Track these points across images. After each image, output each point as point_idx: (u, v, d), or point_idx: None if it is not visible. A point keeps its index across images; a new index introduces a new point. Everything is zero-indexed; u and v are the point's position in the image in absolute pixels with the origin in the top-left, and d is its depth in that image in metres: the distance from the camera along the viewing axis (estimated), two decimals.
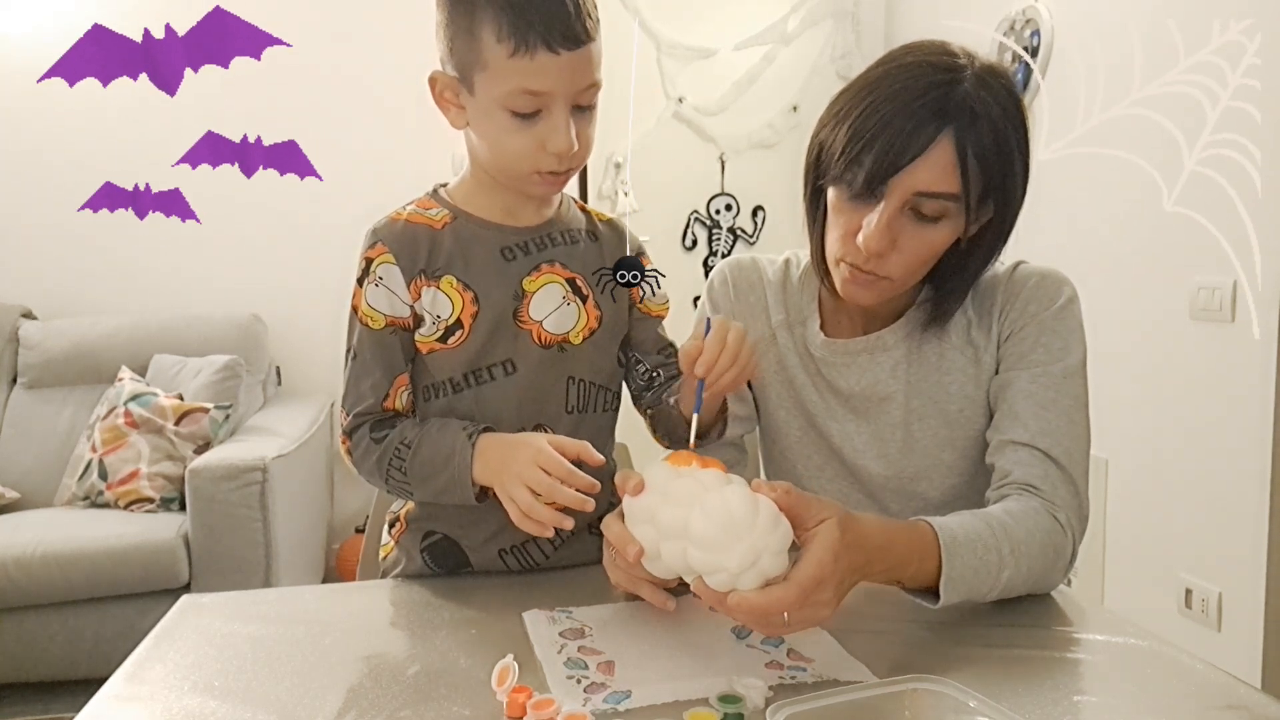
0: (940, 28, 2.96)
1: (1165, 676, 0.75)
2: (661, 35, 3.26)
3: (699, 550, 0.71)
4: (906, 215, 0.91)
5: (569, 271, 1.00)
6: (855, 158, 0.90)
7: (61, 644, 2.19)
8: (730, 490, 0.72)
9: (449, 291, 0.96)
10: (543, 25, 0.86)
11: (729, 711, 0.66)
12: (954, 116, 0.87)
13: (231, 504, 2.25)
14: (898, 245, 0.92)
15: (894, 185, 0.89)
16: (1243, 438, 2.01)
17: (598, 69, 0.91)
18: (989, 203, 0.93)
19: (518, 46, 0.86)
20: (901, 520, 0.83)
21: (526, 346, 0.98)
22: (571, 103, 0.90)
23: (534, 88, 0.88)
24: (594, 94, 0.92)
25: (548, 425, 0.99)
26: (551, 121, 0.90)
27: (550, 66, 0.87)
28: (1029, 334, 0.98)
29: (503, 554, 1.02)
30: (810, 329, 1.08)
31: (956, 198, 0.89)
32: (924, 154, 0.87)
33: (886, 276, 0.94)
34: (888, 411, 1.04)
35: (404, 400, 0.99)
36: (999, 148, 0.90)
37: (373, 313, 0.96)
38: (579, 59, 0.88)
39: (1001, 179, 0.91)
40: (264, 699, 0.72)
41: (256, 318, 2.93)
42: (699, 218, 3.37)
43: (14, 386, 2.79)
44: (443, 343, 0.97)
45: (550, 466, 0.85)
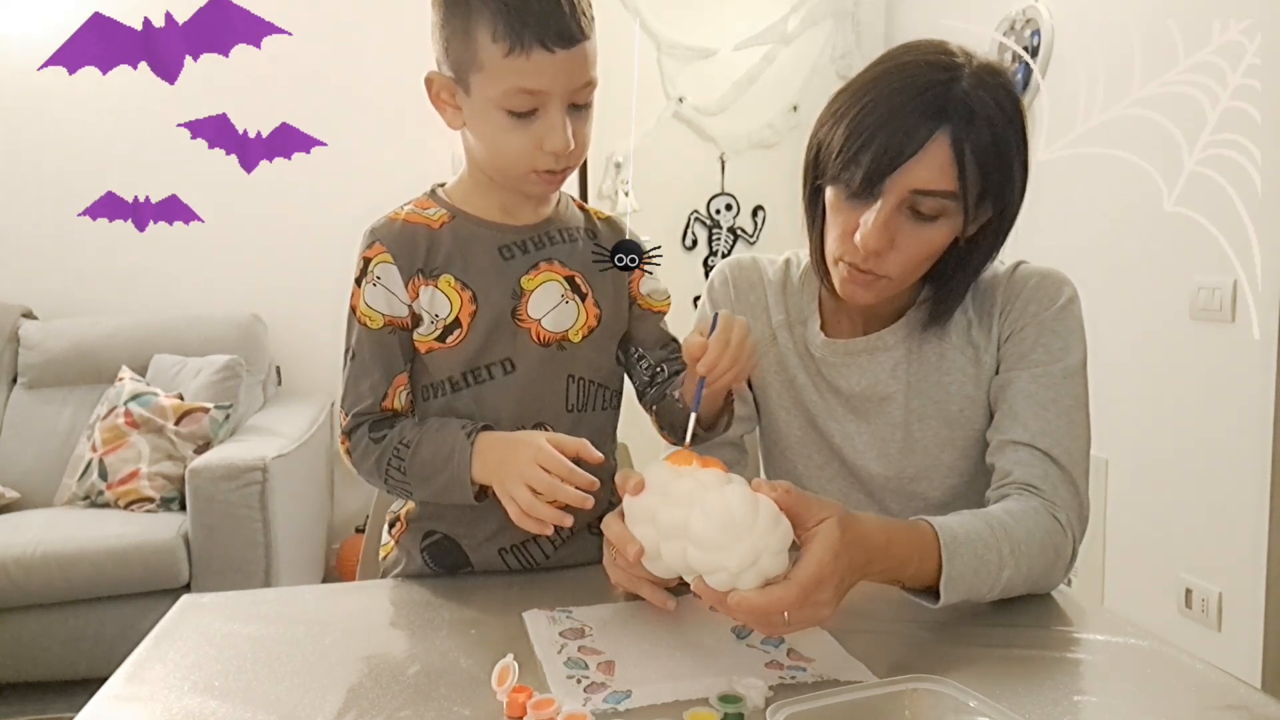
0: (940, 28, 2.96)
1: (1165, 676, 0.75)
2: (661, 35, 3.26)
3: (699, 550, 0.71)
4: (904, 214, 0.91)
5: (568, 269, 1.00)
6: (853, 157, 0.90)
7: (61, 644, 2.19)
8: (730, 490, 0.72)
9: (447, 291, 0.96)
10: (538, 24, 0.86)
11: (729, 711, 0.66)
12: (951, 115, 0.88)
13: (231, 504, 2.24)
14: (896, 244, 0.92)
15: (891, 183, 0.89)
16: (1243, 438, 2.01)
17: (593, 67, 0.91)
18: (987, 202, 0.93)
19: (513, 46, 0.86)
20: (902, 520, 0.83)
21: (525, 345, 0.98)
22: (568, 101, 0.90)
23: (530, 86, 0.88)
24: (590, 92, 0.92)
25: (548, 424, 0.99)
26: (548, 120, 0.90)
27: (546, 65, 0.87)
28: (1029, 334, 0.98)
29: (503, 553, 1.02)
30: (811, 329, 1.08)
31: (954, 196, 0.90)
32: (921, 152, 0.88)
33: (885, 275, 0.94)
34: (888, 412, 1.04)
35: (403, 400, 0.99)
36: (997, 147, 0.90)
37: (371, 313, 0.96)
38: (574, 57, 0.88)
39: (999, 178, 0.91)
40: (264, 699, 0.72)
41: (256, 318, 2.93)
42: (699, 217, 3.37)
43: (14, 386, 2.79)
44: (441, 342, 0.97)
45: (550, 465, 0.85)
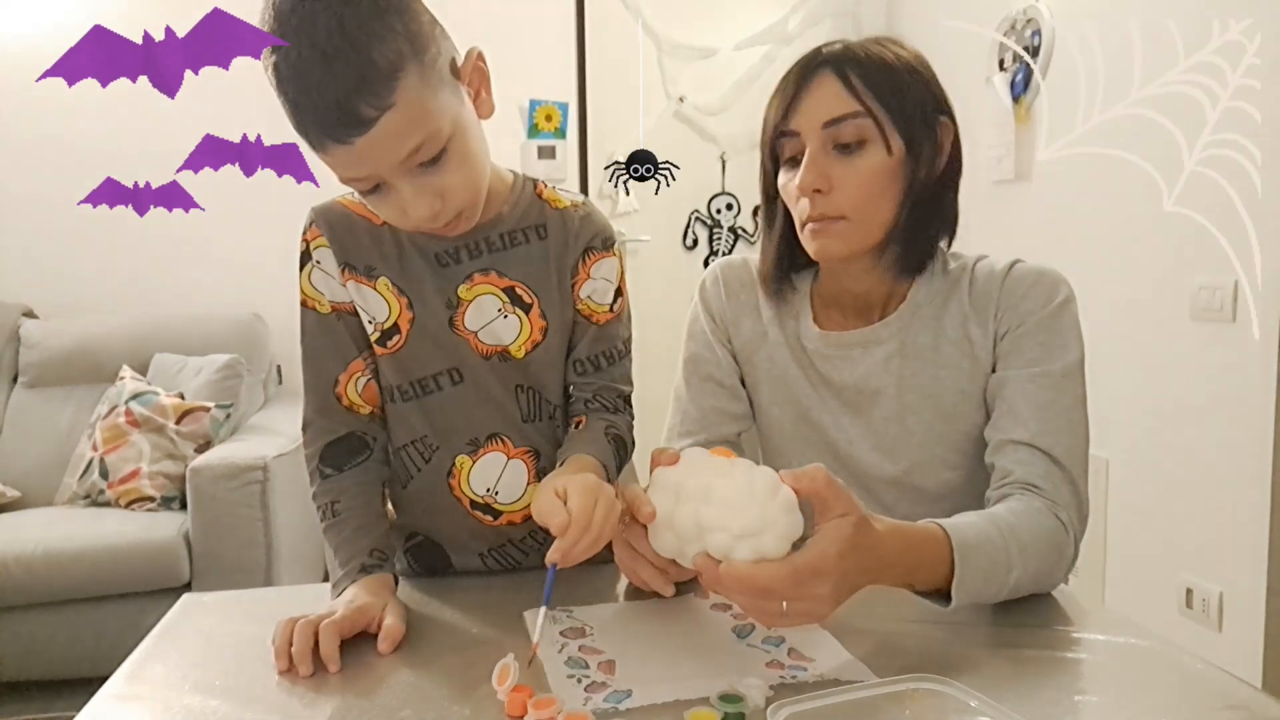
0: (940, 28, 2.96)
1: (1165, 676, 0.75)
2: (662, 35, 3.26)
3: (711, 507, 0.73)
4: (830, 153, 0.97)
5: (507, 280, 0.96)
6: (769, 125, 1.01)
7: (61, 644, 2.19)
8: (758, 470, 0.75)
9: (385, 294, 0.94)
10: (317, 123, 0.76)
11: (729, 711, 0.66)
12: (829, 59, 0.98)
13: (232, 503, 2.25)
14: (835, 181, 0.97)
15: (803, 128, 0.98)
16: (1243, 438, 2.01)
17: (417, 128, 0.79)
18: (902, 120, 0.97)
19: (311, 143, 0.78)
20: (915, 524, 0.83)
21: (469, 355, 0.96)
22: (409, 169, 0.81)
23: (351, 175, 0.81)
24: (431, 148, 0.81)
25: (503, 434, 0.99)
26: (398, 194, 0.82)
27: (351, 155, 0.78)
28: (1027, 332, 0.99)
29: (482, 556, 1.03)
30: (804, 323, 1.08)
31: (860, 114, 0.96)
32: (810, 87, 0.98)
33: (841, 216, 0.98)
34: (880, 405, 1.04)
35: (358, 390, 0.97)
36: (883, 65, 0.97)
37: (318, 295, 0.95)
38: (379, 138, 0.77)
39: (896, 101, 0.97)
40: (264, 699, 0.72)
41: (257, 317, 2.93)
42: (700, 217, 3.37)
43: (15, 385, 2.79)
44: (382, 346, 0.96)
45: (298, 635, 0.77)
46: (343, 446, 0.97)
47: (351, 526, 0.93)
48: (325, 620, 0.78)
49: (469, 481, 0.99)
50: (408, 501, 1.03)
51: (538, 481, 0.99)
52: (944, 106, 1.01)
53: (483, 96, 0.89)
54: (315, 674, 0.76)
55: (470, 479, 0.99)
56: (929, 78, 1.00)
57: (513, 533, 1.02)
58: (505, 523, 1.01)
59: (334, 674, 0.76)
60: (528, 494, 1.00)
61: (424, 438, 0.99)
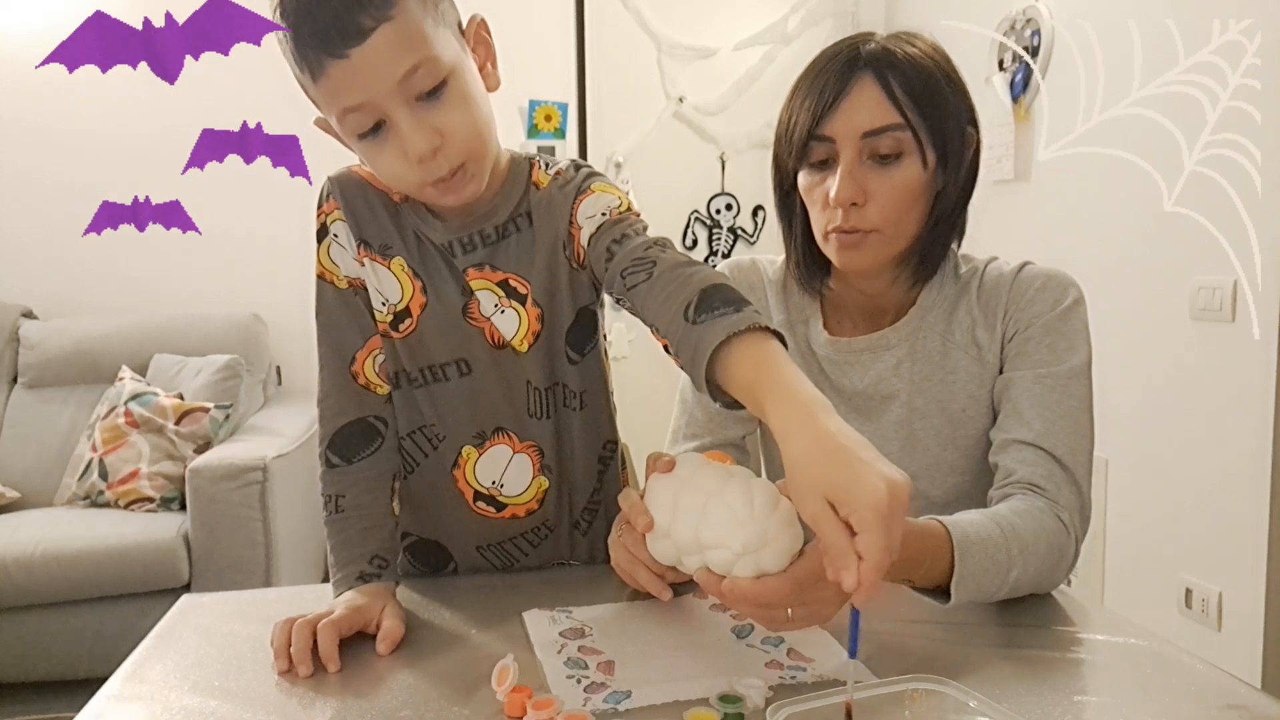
0: (940, 28, 2.94)
1: (1165, 676, 0.75)
2: (661, 35, 3.26)
3: (710, 523, 0.72)
4: (867, 163, 0.95)
5: (501, 273, 0.94)
6: (799, 128, 0.97)
7: (61, 644, 2.19)
8: (757, 482, 0.74)
9: (400, 275, 0.92)
10: (313, 34, 0.76)
11: (729, 711, 0.66)
12: (869, 61, 0.95)
13: (232, 504, 2.25)
14: (870, 193, 0.95)
15: (841, 135, 0.95)
16: (1243, 438, 2.01)
17: (415, 48, 0.78)
18: (939, 134, 0.96)
19: (309, 68, 0.78)
20: (916, 520, 0.83)
21: (479, 346, 0.95)
22: (407, 98, 0.79)
23: (349, 103, 0.79)
24: (429, 76, 0.79)
25: (508, 429, 0.98)
26: (397, 130, 0.80)
27: (350, 73, 0.77)
28: (1035, 334, 0.98)
29: (481, 550, 1.03)
30: (814, 328, 1.08)
31: (901, 127, 0.94)
32: (851, 93, 0.94)
33: (872, 229, 0.97)
34: (890, 410, 1.04)
35: (376, 368, 0.96)
36: (922, 73, 0.95)
37: (334, 269, 0.94)
38: (378, 49, 0.76)
39: (935, 112, 0.95)
40: (264, 699, 0.72)
41: (257, 317, 2.93)
42: (699, 217, 3.37)
43: (14, 386, 2.79)
44: (393, 329, 0.95)
45: (297, 635, 0.77)
46: (354, 434, 0.95)
47: (356, 527, 0.92)
48: (324, 620, 0.79)
49: (474, 472, 0.99)
50: (409, 492, 1.02)
51: (542, 477, 0.99)
52: (974, 117, 1.00)
53: (489, 69, 0.90)
54: (314, 674, 0.76)
55: (476, 470, 0.99)
56: (963, 87, 0.99)
57: (514, 528, 1.02)
58: (509, 515, 1.00)
59: (333, 674, 0.76)
60: (532, 488, 0.99)
61: (430, 425, 0.98)
